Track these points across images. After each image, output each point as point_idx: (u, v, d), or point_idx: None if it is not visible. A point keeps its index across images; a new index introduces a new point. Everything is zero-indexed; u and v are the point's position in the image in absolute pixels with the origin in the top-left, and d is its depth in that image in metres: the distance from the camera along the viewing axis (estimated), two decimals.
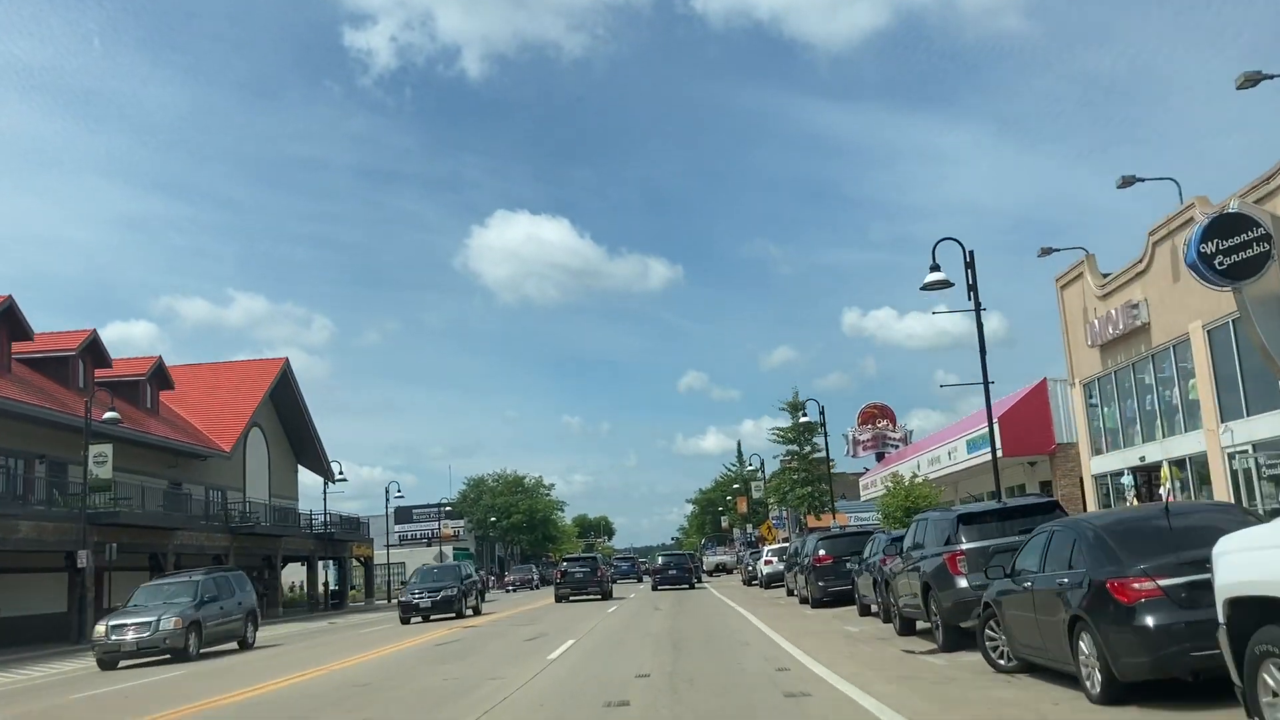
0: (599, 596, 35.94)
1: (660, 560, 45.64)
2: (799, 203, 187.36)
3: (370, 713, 10.80)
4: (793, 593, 28.52)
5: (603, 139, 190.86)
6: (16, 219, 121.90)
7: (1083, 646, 8.10)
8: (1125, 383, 24.32)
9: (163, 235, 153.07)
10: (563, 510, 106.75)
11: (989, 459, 20.06)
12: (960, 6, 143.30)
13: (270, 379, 49.19)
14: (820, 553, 23.70)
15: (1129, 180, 23.20)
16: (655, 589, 40.87)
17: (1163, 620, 7.32)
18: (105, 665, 20.06)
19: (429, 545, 76.32)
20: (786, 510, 61.49)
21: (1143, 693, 7.73)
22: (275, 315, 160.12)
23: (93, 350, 37.60)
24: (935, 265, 18.24)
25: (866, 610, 19.40)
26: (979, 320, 18.77)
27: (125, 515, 32.57)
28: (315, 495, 53.95)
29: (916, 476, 36.45)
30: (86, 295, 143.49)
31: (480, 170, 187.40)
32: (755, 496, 72.74)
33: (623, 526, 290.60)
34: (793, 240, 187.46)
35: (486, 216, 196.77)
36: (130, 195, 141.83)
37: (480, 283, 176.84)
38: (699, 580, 45.00)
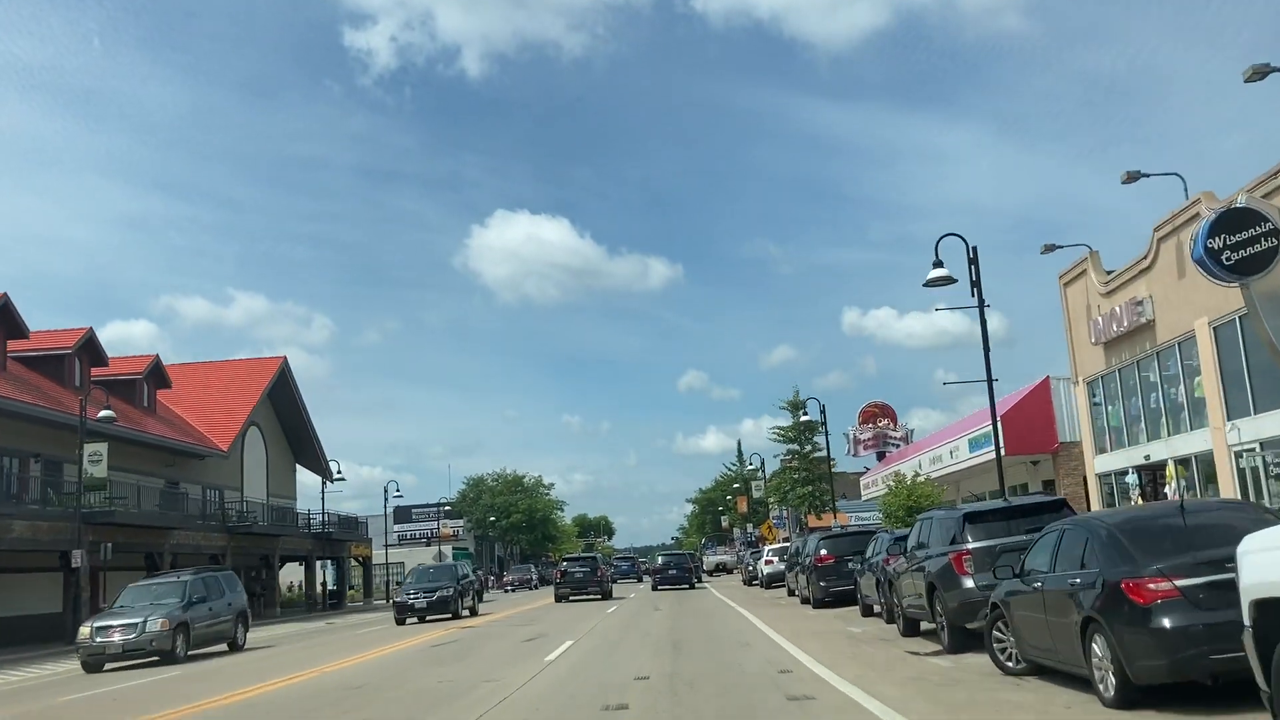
0: (599, 596, 35.76)
1: (660, 560, 45.47)
2: (799, 202, 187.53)
3: (365, 714, 10.57)
4: (794, 593, 28.30)
5: (603, 139, 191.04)
6: (16, 218, 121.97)
7: (1096, 649, 7.88)
8: (1129, 380, 24.08)
9: (163, 235, 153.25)
10: (562, 510, 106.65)
11: (991, 458, 19.86)
12: (960, 6, 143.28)
13: (268, 378, 49.03)
14: (822, 552, 23.48)
15: (1134, 175, 22.96)
16: (655, 589, 40.65)
17: (1180, 622, 7.11)
18: (90, 668, 19.40)
19: (428, 545, 76.16)
20: (787, 510, 61.30)
21: (1159, 696, 7.51)
22: (275, 315, 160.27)
23: (89, 348, 37.36)
24: (938, 261, 18.05)
25: (869, 611, 19.18)
26: (982, 316, 18.56)
27: (121, 515, 32.35)
28: (314, 495, 53.83)
29: (918, 475, 36.22)
30: (86, 295, 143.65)
31: (480, 170, 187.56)
32: (755, 496, 72.56)
33: (623, 526, 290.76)
34: (792, 240, 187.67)
35: (486, 216, 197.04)
36: (130, 195, 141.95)
37: (480, 282, 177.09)
38: (699, 580, 44.84)
